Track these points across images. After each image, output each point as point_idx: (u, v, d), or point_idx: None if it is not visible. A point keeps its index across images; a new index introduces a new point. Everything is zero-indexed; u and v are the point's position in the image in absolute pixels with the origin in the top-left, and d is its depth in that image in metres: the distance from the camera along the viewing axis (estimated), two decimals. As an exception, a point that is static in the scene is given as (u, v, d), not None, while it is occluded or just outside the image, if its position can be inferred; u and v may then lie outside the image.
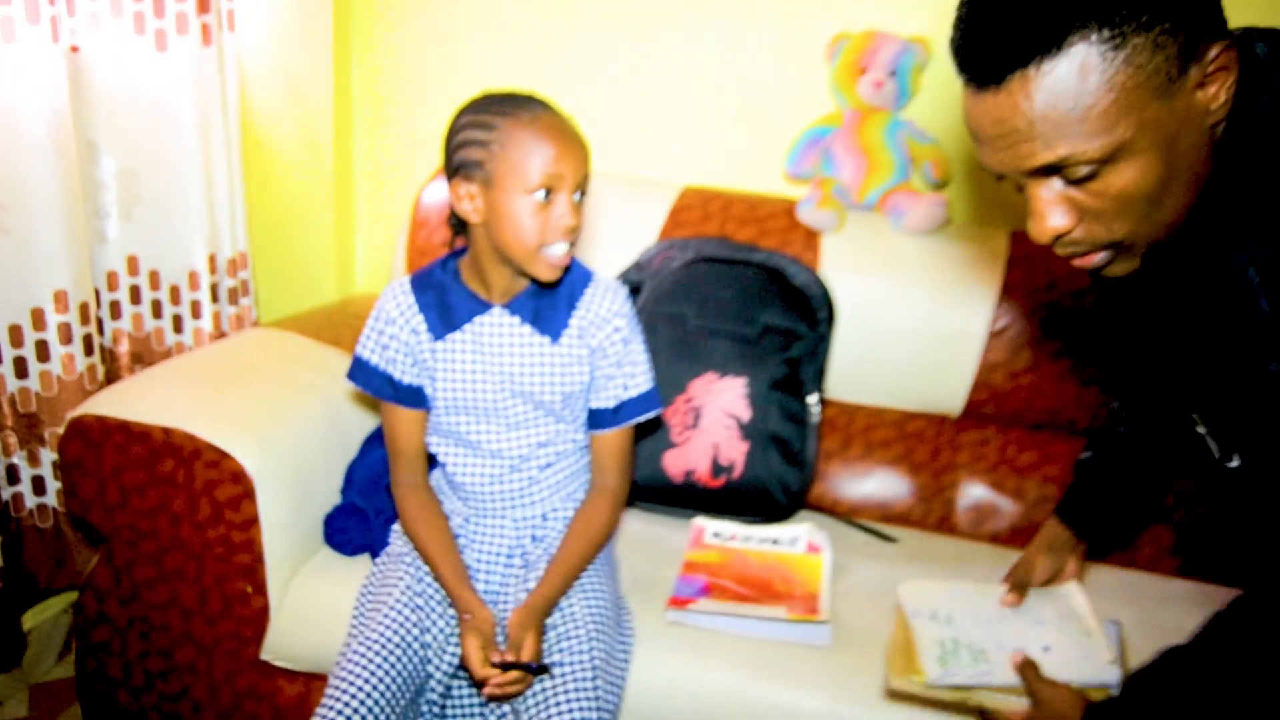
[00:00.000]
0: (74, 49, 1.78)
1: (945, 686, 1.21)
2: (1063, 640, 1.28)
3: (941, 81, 1.94)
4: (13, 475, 1.77)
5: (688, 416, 1.72)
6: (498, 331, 1.36)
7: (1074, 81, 0.81)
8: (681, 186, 2.02)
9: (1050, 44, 0.80)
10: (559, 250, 1.26)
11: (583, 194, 1.28)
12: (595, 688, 1.27)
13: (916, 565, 1.62)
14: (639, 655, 1.40)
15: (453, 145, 1.28)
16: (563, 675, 1.28)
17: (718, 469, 1.71)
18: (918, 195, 1.87)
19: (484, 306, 1.36)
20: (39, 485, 1.81)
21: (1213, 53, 0.83)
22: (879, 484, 1.85)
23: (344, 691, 1.24)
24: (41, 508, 1.82)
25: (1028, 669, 1.18)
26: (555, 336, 1.36)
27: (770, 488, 1.71)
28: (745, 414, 1.71)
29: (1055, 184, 0.88)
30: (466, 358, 1.37)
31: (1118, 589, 1.58)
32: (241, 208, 2.13)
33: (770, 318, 1.76)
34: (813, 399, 1.76)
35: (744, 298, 1.79)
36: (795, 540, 1.64)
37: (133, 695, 1.58)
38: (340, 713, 1.22)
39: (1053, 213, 0.89)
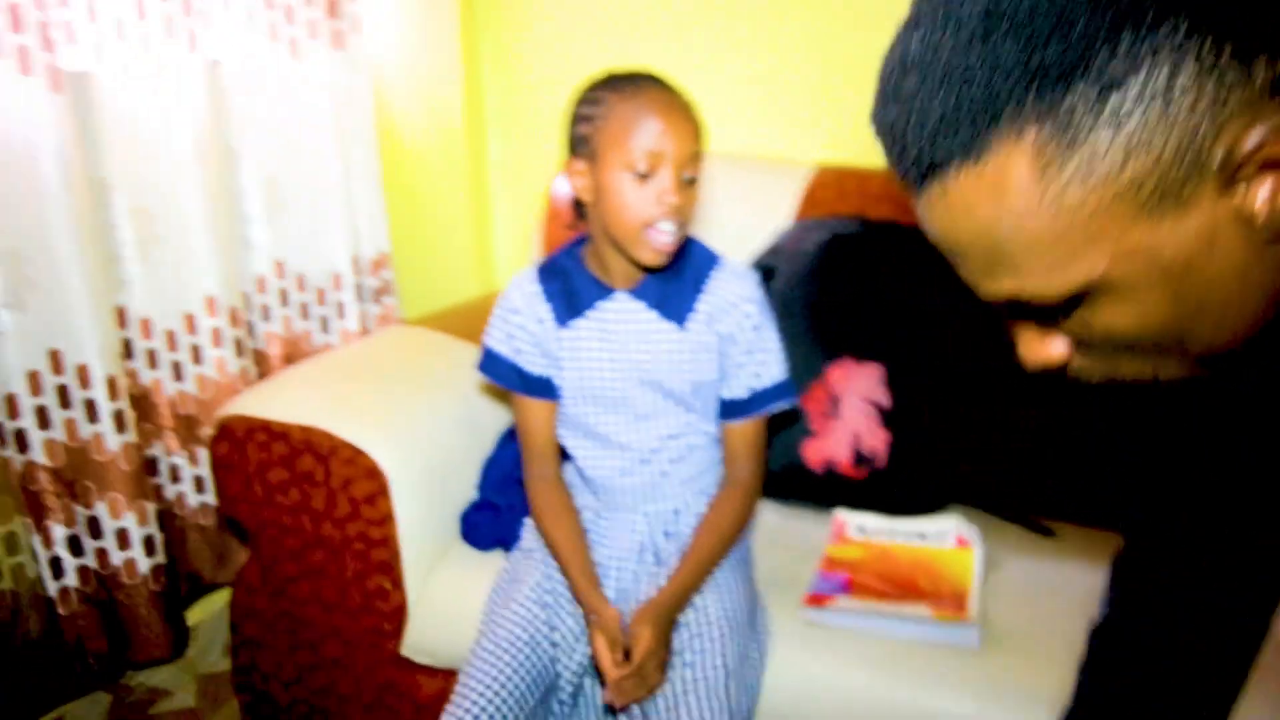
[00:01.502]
0: (213, 61, 1.84)
1: None
2: None
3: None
4: (175, 475, 1.85)
5: (825, 404, 1.65)
6: (622, 317, 1.33)
7: (1008, 196, 0.54)
8: (816, 165, 1.94)
9: (969, 144, 0.54)
10: (664, 231, 1.22)
11: (693, 175, 1.23)
12: (727, 690, 1.23)
13: (1075, 561, 1.50)
14: (774, 655, 1.34)
15: (570, 122, 1.27)
16: (694, 677, 1.24)
17: (860, 459, 1.63)
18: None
19: (607, 292, 1.33)
20: (199, 484, 1.89)
21: (1250, 141, 0.51)
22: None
23: (473, 690, 1.24)
24: (203, 506, 1.90)
25: None
26: (681, 322, 1.32)
27: (917, 478, 1.63)
28: (886, 401, 1.63)
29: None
30: (592, 345, 1.34)
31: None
32: (381, 208, 2.17)
33: (911, 300, 1.67)
34: (960, 384, 1.66)
35: (882, 279, 1.70)
36: (944, 534, 1.55)
37: (284, 688, 1.62)
38: (469, 711, 1.22)
39: (1031, 343, 0.64)
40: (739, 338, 1.33)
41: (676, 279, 1.33)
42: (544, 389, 1.39)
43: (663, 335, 1.32)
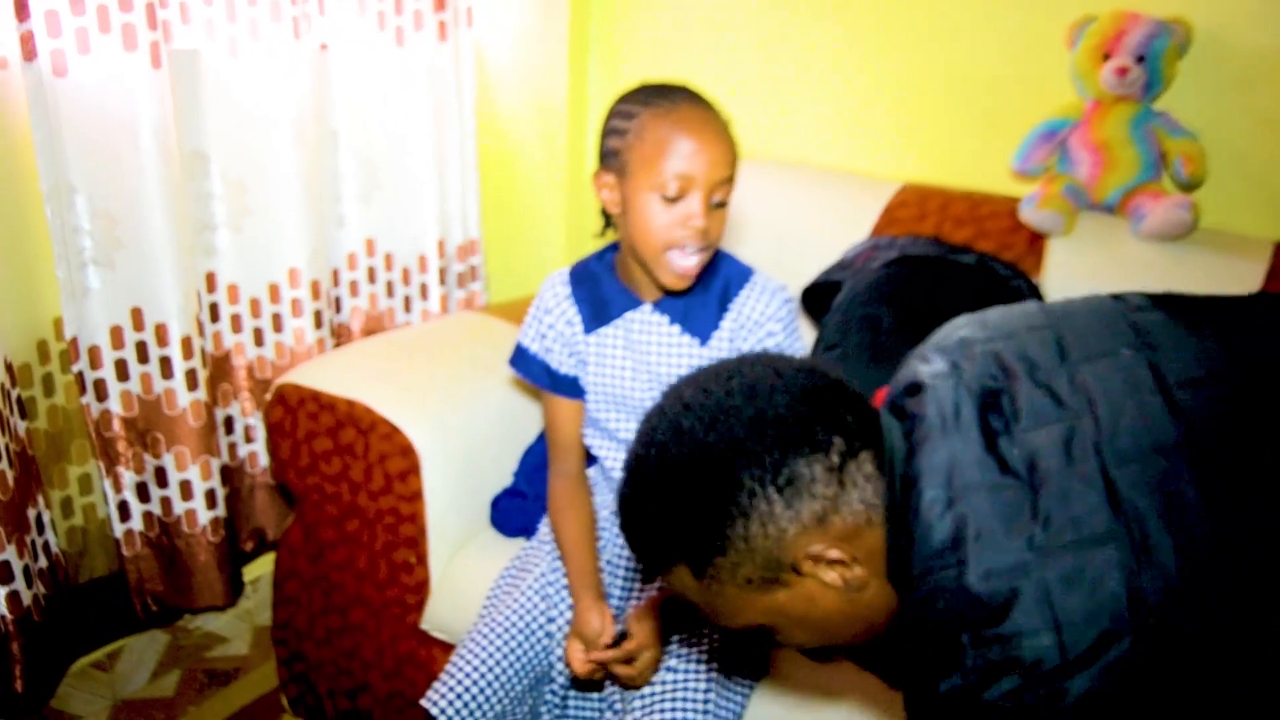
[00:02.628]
0: (323, 46, 1.93)
1: None
2: None
3: (1203, 67, 1.70)
4: (248, 435, 1.95)
5: (871, 426, 1.62)
6: (647, 329, 1.34)
7: (689, 590, 0.88)
8: (900, 183, 1.90)
9: (656, 569, 0.89)
10: (688, 255, 1.21)
11: (723, 199, 1.21)
12: (706, 699, 1.22)
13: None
14: (773, 664, 1.33)
15: (602, 133, 1.26)
16: (675, 681, 1.24)
17: (898, 485, 1.59)
18: (1161, 196, 1.65)
19: (635, 303, 1.34)
20: (271, 445, 1.98)
21: (807, 554, 0.83)
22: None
23: (461, 669, 1.27)
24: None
25: None
26: (704, 339, 1.32)
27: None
28: (932, 428, 1.58)
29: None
30: (617, 353, 1.35)
31: None
32: (475, 196, 2.23)
33: (970, 326, 1.62)
34: (1012, 417, 1.59)
35: (945, 303, 1.64)
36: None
37: (316, 646, 1.69)
38: (453, 689, 1.25)
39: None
40: None
41: (703, 294, 1.32)
42: (571, 388, 1.41)
43: (685, 350, 1.32)
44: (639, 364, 1.34)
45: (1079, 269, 1.68)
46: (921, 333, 1.63)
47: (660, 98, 1.21)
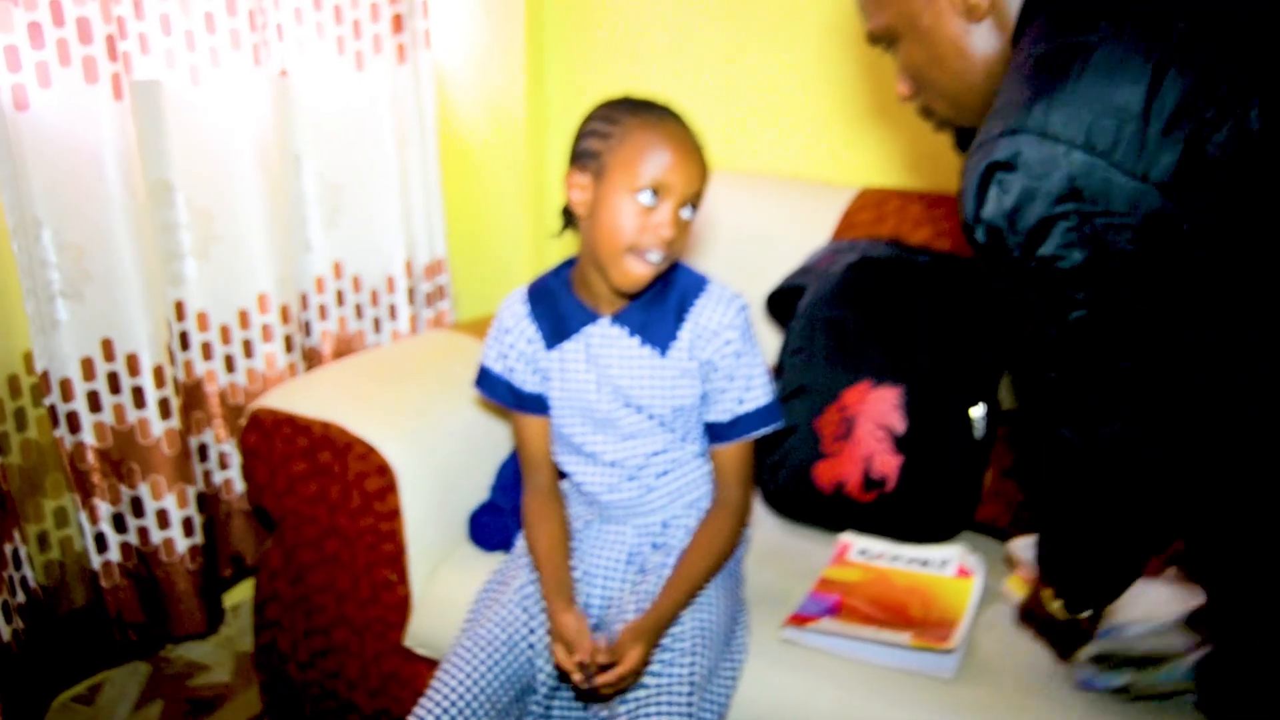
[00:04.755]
0: (283, 72, 1.94)
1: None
2: None
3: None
4: (223, 462, 1.96)
5: (840, 426, 1.65)
6: (607, 342, 1.36)
7: None
8: (857, 188, 1.94)
9: None
10: (647, 261, 1.24)
11: (691, 213, 1.25)
12: (689, 704, 1.24)
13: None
14: (749, 671, 1.35)
15: (579, 134, 1.29)
16: (659, 688, 1.26)
17: (869, 483, 1.62)
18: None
19: (593, 317, 1.36)
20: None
21: None
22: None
23: (446, 685, 1.28)
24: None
25: None
26: (664, 350, 1.34)
27: (926, 504, 1.61)
28: (899, 425, 1.62)
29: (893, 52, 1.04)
30: (579, 368, 1.37)
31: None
32: (440, 215, 2.25)
33: (932, 325, 1.66)
34: (977, 411, 1.63)
35: (907, 303, 1.69)
36: (946, 563, 1.53)
37: (299, 669, 1.70)
38: (439, 704, 1.26)
39: (898, 80, 1.06)
40: (720, 364, 1.34)
41: (660, 306, 1.35)
42: (537, 405, 1.43)
43: (644, 362, 1.35)
44: (602, 377, 1.36)
45: (1035, 265, 1.72)
46: (884, 333, 1.67)
47: (647, 110, 1.26)
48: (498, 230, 2.36)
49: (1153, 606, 1.31)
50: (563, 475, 1.49)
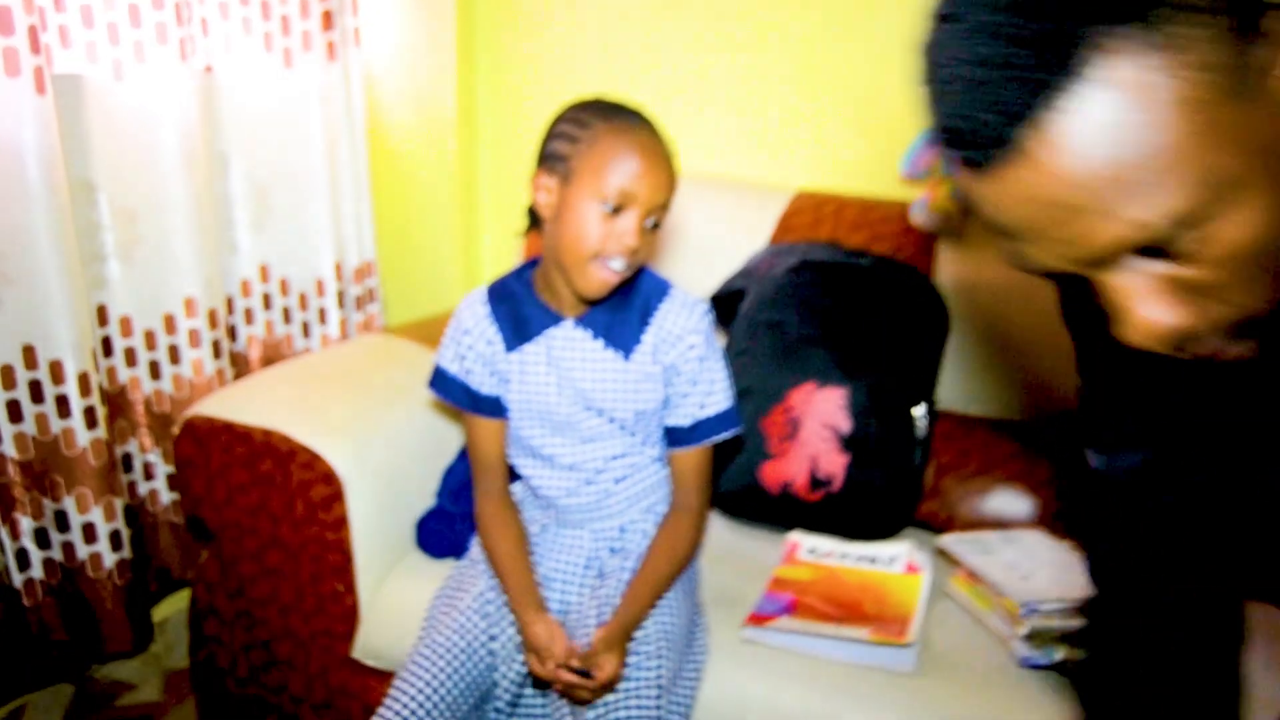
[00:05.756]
0: (208, 69, 1.88)
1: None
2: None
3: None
4: (148, 472, 1.89)
5: (786, 427, 1.67)
6: (569, 345, 1.35)
7: (1114, 113, 0.54)
8: (794, 191, 1.96)
9: (1059, 69, 0.55)
10: (610, 267, 1.23)
11: (657, 221, 1.24)
12: (658, 707, 1.24)
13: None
14: (711, 672, 1.36)
15: (547, 135, 1.27)
16: (626, 692, 1.25)
17: (816, 482, 1.64)
18: (1042, 195, 1.75)
19: (556, 319, 1.35)
20: (172, 482, 1.92)
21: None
22: (1000, 501, 1.73)
23: (404, 693, 1.26)
24: (175, 503, 1.93)
25: None
26: (627, 353, 1.34)
27: (871, 502, 1.64)
28: (845, 425, 1.64)
29: (1141, 265, 0.61)
30: (540, 369, 1.36)
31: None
32: (369, 217, 2.20)
33: (874, 326, 1.69)
34: (919, 410, 1.67)
35: (848, 305, 1.72)
36: (894, 559, 1.56)
37: (240, 685, 1.65)
38: (398, 713, 1.24)
39: (1151, 307, 0.62)
40: (683, 369, 1.34)
41: (624, 309, 1.34)
42: (493, 408, 1.41)
43: (607, 365, 1.34)
44: (563, 380, 1.35)
45: (969, 266, 1.77)
46: (827, 334, 1.70)
47: (619, 115, 1.23)
48: (427, 232, 2.33)
49: (1066, 587, 1.39)
50: (514, 478, 1.48)
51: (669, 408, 1.37)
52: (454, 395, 1.42)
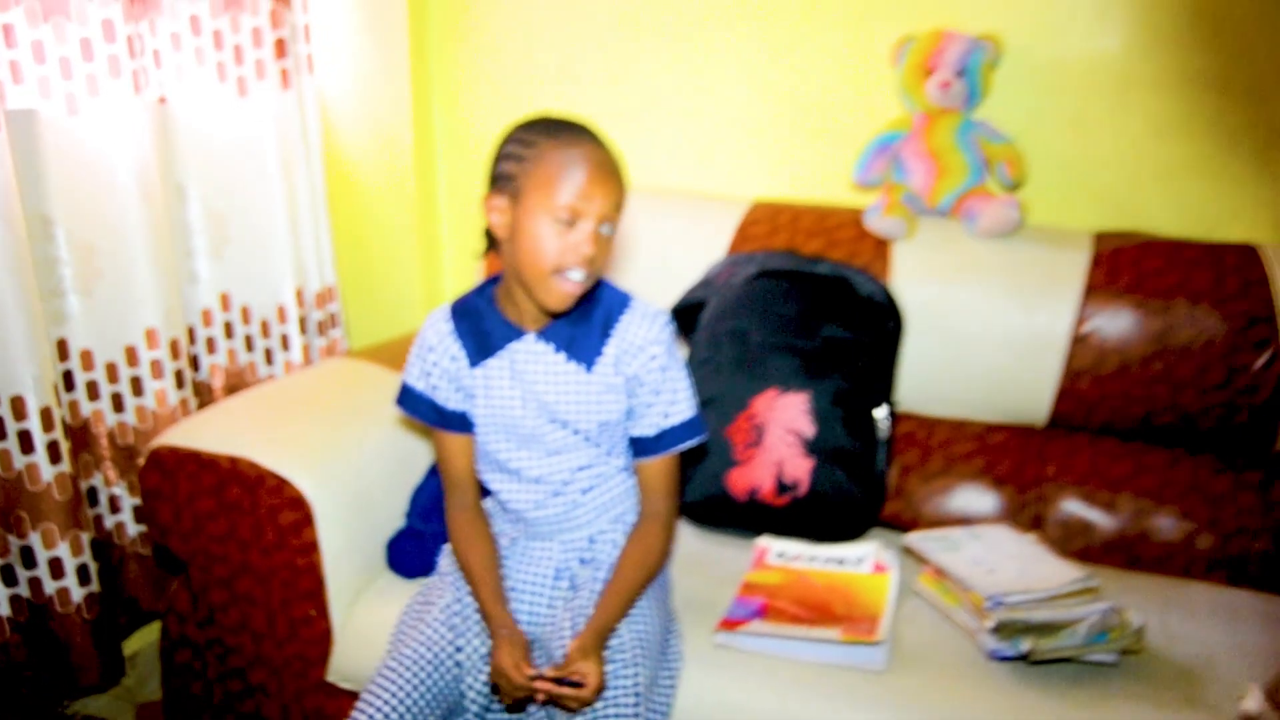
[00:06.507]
0: (161, 100, 1.89)
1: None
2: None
3: (1015, 79, 1.86)
4: (114, 505, 1.87)
5: (750, 434, 1.69)
6: (532, 359, 1.36)
7: None
8: (750, 200, 1.99)
9: None
10: (571, 279, 1.25)
11: (611, 229, 1.26)
12: (636, 714, 1.25)
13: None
14: (687, 678, 1.37)
15: (495, 157, 1.29)
16: (605, 700, 1.26)
17: (782, 487, 1.67)
18: (990, 197, 1.79)
19: (518, 333, 1.36)
20: (138, 514, 1.91)
21: None
22: (961, 500, 1.77)
23: (371, 705, 1.26)
24: (142, 535, 1.92)
25: None
26: (589, 365, 1.35)
27: (837, 505, 1.66)
28: (809, 430, 1.67)
29: None
30: (504, 383, 1.37)
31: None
32: (328, 243, 2.21)
33: (833, 331, 1.72)
34: (880, 413, 1.70)
35: (807, 311, 1.74)
36: (861, 560, 1.58)
37: (215, 715, 1.64)
38: (366, 727, 1.24)
39: None
40: (645, 379, 1.36)
41: (585, 322, 1.36)
42: (460, 423, 1.42)
43: (570, 377, 1.35)
44: (527, 393, 1.37)
45: (923, 269, 1.80)
46: (786, 341, 1.72)
47: (563, 131, 1.25)
48: (388, 256, 2.34)
49: (1031, 580, 1.42)
50: (485, 493, 1.49)
51: (634, 418, 1.38)
52: (421, 412, 1.43)
